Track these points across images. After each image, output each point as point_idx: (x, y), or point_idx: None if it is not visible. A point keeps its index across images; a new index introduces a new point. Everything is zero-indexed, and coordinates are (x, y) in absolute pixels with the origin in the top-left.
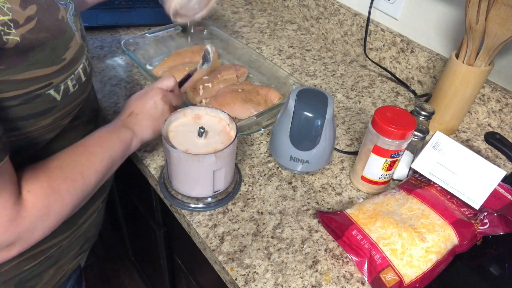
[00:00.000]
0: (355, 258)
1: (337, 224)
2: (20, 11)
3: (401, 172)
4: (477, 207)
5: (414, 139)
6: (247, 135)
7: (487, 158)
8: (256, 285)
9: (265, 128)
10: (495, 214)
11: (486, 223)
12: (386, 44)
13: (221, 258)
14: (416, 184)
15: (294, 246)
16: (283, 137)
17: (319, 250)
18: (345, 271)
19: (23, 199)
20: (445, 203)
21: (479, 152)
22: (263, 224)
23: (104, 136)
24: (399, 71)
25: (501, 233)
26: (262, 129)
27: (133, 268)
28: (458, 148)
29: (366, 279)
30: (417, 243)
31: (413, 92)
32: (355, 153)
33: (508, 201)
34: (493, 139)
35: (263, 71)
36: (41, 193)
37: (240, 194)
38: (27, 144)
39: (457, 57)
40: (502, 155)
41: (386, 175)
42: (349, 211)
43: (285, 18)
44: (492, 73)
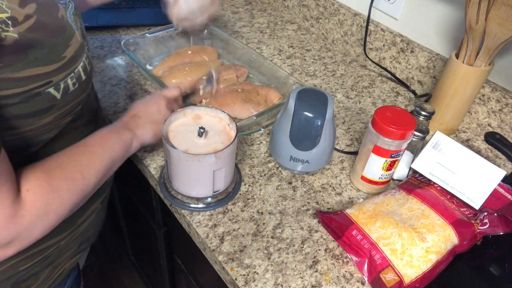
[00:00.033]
0: (355, 258)
1: (337, 224)
2: (19, 9)
3: (401, 172)
4: (477, 207)
5: (414, 139)
6: (247, 135)
7: (487, 158)
8: (256, 285)
9: (265, 128)
10: (495, 214)
11: (486, 223)
12: (386, 44)
13: (221, 258)
14: (416, 184)
15: (294, 246)
16: (283, 137)
17: (319, 250)
18: (345, 271)
19: (22, 197)
20: (445, 203)
21: (479, 152)
22: (263, 224)
23: (105, 136)
24: (399, 71)
25: (501, 233)
26: (262, 129)
27: (133, 268)
28: (458, 148)
29: (366, 279)
30: (417, 243)
31: (413, 92)
32: (355, 153)
33: (508, 201)
34: (493, 139)
35: (263, 71)
36: (40, 192)
37: (240, 194)
38: (27, 143)
39: (457, 57)
40: (502, 155)
41: (386, 175)
42: (349, 211)
43: (285, 18)
44: (492, 73)
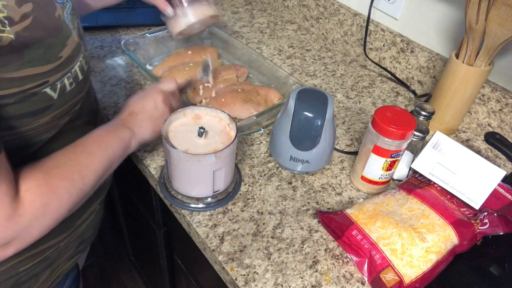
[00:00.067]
0: (355, 258)
1: (337, 224)
2: (15, 9)
3: (401, 172)
4: (477, 207)
5: (414, 139)
6: (247, 135)
7: (487, 158)
8: (256, 285)
9: (265, 128)
10: (495, 214)
11: (486, 223)
12: (386, 44)
13: (221, 258)
14: (416, 184)
15: (294, 246)
16: (283, 137)
17: (319, 250)
18: (345, 271)
19: (21, 197)
20: (445, 203)
21: (479, 152)
22: (263, 224)
23: (103, 135)
24: (399, 71)
25: (501, 233)
26: (262, 129)
27: (133, 268)
28: (458, 148)
29: (366, 279)
30: (417, 243)
31: (413, 92)
32: (355, 153)
33: (508, 201)
34: (493, 139)
35: (263, 71)
36: (39, 192)
37: (240, 194)
38: (25, 143)
39: (457, 57)
40: (502, 155)
41: (386, 175)
42: (349, 211)
43: (285, 18)
44: (492, 73)
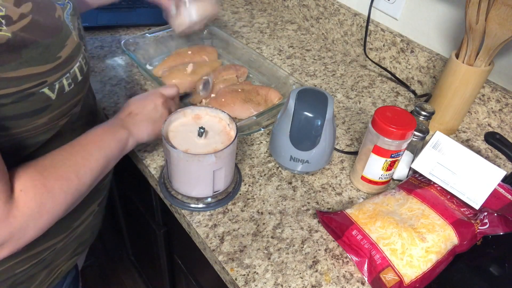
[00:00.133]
0: (355, 258)
1: (337, 224)
2: (14, 8)
3: (401, 172)
4: (477, 207)
5: (414, 139)
6: (247, 135)
7: (487, 158)
8: (256, 285)
9: (265, 128)
10: (495, 214)
11: (486, 223)
12: (386, 44)
13: (221, 258)
14: (416, 184)
15: (294, 246)
16: (283, 137)
17: (319, 250)
18: (345, 271)
19: (15, 197)
20: (445, 203)
21: (479, 152)
22: (263, 224)
23: (100, 135)
24: (399, 71)
25: (501, 233)
26: (262, 129)
27: (133, 268)
28: (458, 148)
29: (366, 279)
30: (417, 243)
31: (413, 92)
32: (355, 153)
33: (508, 201)
34: (493, 139)
35: (263, 71)
36: (34, 192)
37: (240, 194)
38: (23, 144)
39: (457, 57)
40: (502, 155)
41: (386, 175)
42: (349, 211)
43: (285, 18)
44: (492, 73)
